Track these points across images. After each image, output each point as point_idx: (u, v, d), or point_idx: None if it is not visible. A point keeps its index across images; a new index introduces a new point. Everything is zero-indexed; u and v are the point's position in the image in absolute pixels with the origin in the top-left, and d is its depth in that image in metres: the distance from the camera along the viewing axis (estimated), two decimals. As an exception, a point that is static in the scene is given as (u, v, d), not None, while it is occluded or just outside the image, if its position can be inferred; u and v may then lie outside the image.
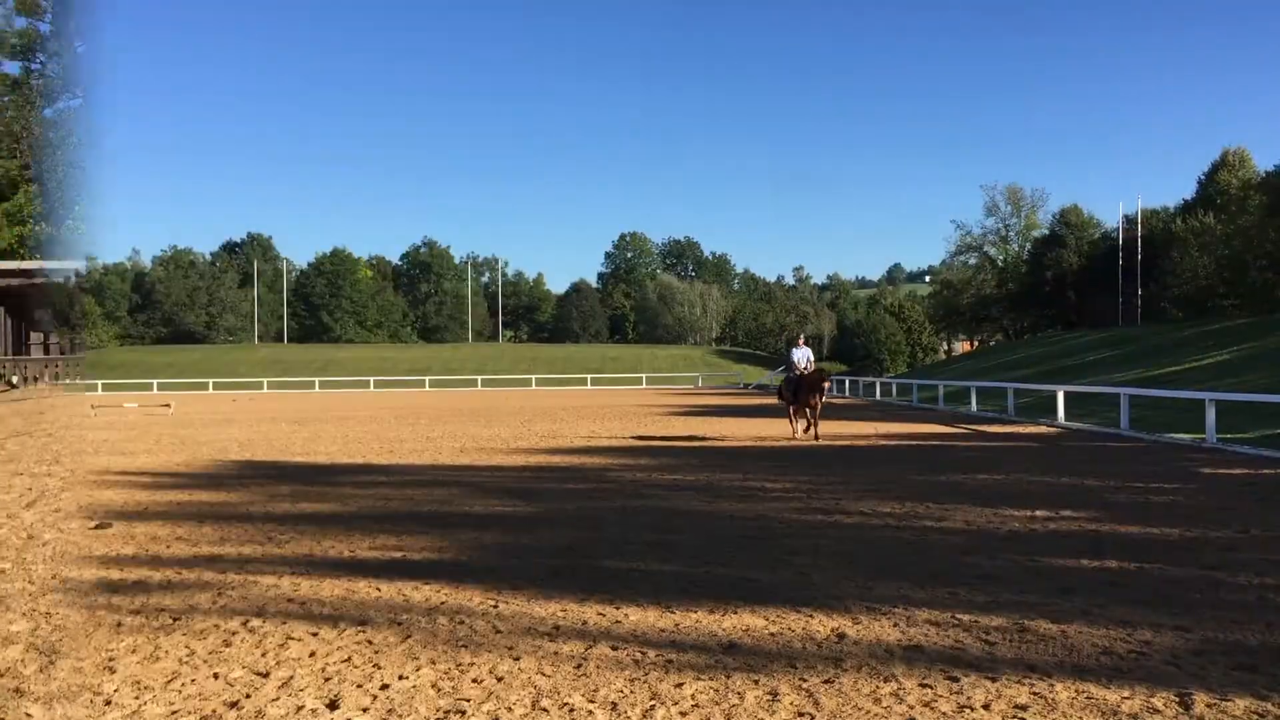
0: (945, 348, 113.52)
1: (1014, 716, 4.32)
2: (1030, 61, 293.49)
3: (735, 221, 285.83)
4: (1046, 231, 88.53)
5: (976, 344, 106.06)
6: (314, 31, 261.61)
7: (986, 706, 4.44)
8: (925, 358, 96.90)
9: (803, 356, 21.18)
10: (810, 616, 6.01)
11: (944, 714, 4.36)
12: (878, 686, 4.73)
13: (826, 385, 19.99)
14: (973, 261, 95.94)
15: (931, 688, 4.70)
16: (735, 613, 6.12)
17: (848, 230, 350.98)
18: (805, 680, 4.83)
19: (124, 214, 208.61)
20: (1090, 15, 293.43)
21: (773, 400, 46.12)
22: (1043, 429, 23.56)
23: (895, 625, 5.79)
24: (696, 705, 4.50)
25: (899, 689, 4.69)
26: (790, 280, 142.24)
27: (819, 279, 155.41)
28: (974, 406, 32.17)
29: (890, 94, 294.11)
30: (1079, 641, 5.42)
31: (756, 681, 4.82)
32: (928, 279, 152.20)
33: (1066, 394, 27.36)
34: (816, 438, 19.69)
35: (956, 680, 4.80)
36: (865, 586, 6.80)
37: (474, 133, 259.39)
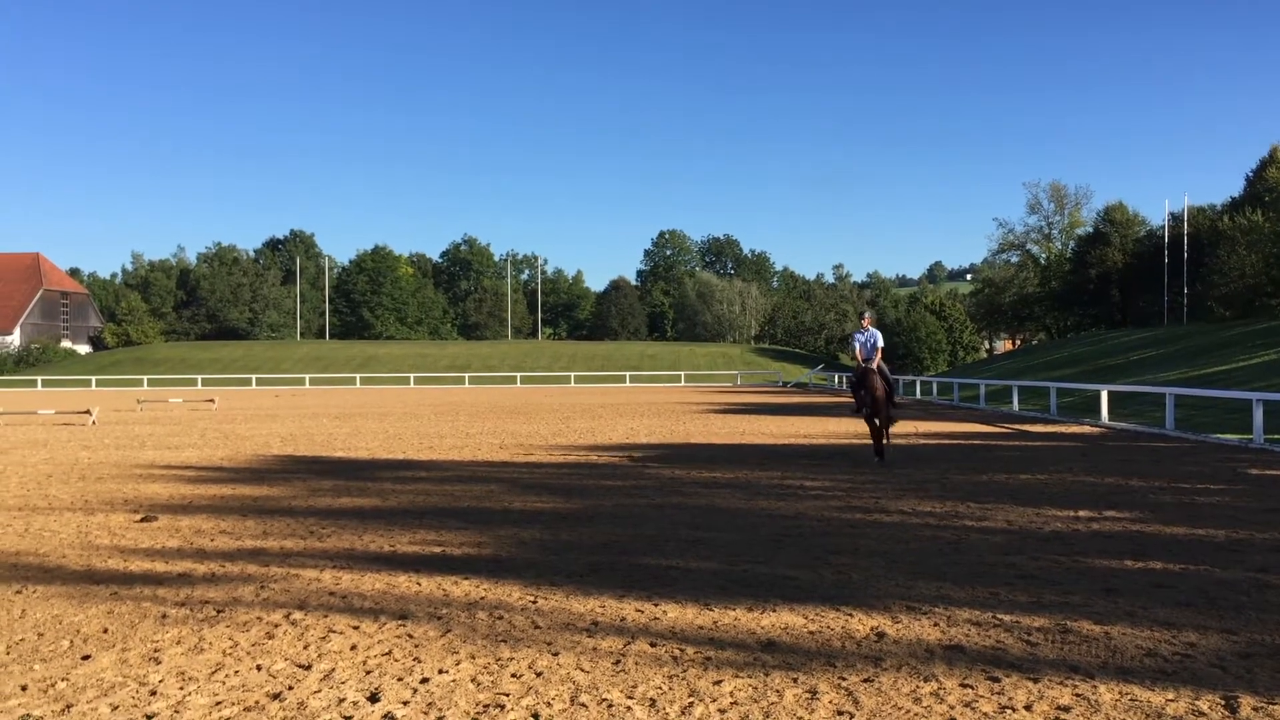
0: (987, 347, 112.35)
1: (1056, 718, 4.27)
2: (1075, 58, 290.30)
3: (775, 219, 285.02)
4: (1091, 229, 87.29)
5: (1018, 343, 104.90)
6: (357, 31, 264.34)
7: (1029, 707, 4.39)
8: (966, 356, 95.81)
9: (865, 342, 15.67)
10: (849, 615, 5.98)
11: (985, 714, 4.32)
12: (918, 686, 4.70)
13: (879, 393, 15.00)
14: (1015, 259, 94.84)
15: (972, 688, 4.66)
16: (774, 611, 6.10)
17: (888, 228, 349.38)
18: (844, 679, 4.81)
19: (171, 211, 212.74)
20: (1137, 11, 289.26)
21: (811, 399, 46.05)
22: (1086, 429, 23.26)
23: (935, 625, 5.75)
24: (735, 703, 4.49)
25: (939, 689, 4.65)
26: (830, 278, 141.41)
27: (859, 277, 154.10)
28: (1016, 406, 31.85)
29: (932, 91, 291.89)
30: (1123, 643, 5.35)
31: (795, 680, 4.81)
32: (969, 277, 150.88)
33: (1110, 393, 27.01)
34: (881, 455, 15.28)
35: (998, 680, 4.75)
36: (905, 586, 6.75)
37: (515, 131, 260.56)
